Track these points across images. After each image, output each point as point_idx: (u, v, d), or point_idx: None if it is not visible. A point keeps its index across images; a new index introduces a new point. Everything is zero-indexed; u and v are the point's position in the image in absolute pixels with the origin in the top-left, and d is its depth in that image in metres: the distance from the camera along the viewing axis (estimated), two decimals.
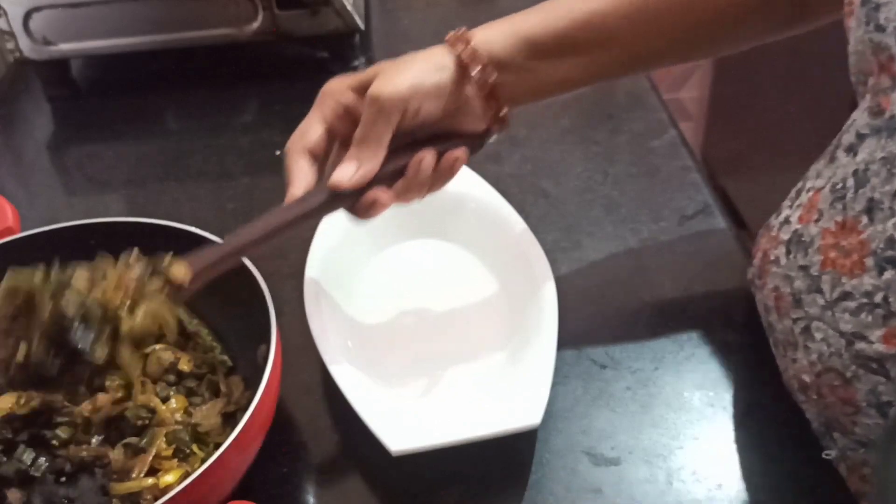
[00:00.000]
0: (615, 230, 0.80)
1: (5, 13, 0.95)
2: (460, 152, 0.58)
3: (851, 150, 0.54)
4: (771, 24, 0.63)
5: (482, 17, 0.60)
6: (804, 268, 0.56)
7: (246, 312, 0.60)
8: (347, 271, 0.73)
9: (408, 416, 0.57)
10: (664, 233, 0.80)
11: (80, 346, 0.46)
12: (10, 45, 0.98)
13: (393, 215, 0.75)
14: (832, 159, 0.57)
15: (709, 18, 0.60)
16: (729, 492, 0.58)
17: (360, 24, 1.02)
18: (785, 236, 0.60)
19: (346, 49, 1.06)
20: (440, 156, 0.58)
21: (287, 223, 0.54)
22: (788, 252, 0.59)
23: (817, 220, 0.56)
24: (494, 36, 0.58)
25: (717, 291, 0.73)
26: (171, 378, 0.62)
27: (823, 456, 0.57)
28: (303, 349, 0.63)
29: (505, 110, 0.60)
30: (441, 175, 0.59)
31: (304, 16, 1.00)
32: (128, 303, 0.48)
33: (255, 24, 1.00)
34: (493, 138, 0.62)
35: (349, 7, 0.99)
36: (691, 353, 0.68)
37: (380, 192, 0.56)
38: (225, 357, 0.63)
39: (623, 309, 0.72)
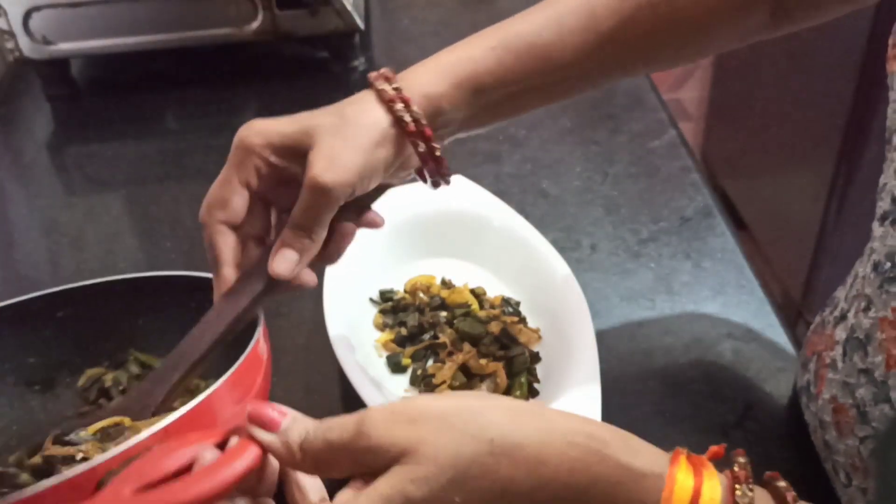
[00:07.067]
0: (615, 230, 0.80)
1: (5, 13, 0.95)
2: (351, 228, 0.52)
3: (886, 218, 0.46)
4: (748, 27, 0.54)
5: (482, 17, 0.60)
6: (866, 371, 0.47)
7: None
8: (365, 286, 0.71)
9: None
10: (664, 233, 0.80)
11: None
12: (10, 45, 0.98)
13: (410, 233, 0.73)
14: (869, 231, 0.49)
15: (680, 30, 0.52)
16: None
17: (360, 24, 1.02)
18: (841, 335, 0.51)
19: (346, 49, 1.06)
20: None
21: (231, 327, 0.49)
22: (845, 354, 0.49)
23: (866, 310, 0.47)
24: (441, 88, 0.49)
25: (715, 300, 0.73)
26: None
27: None
28: (304, 349, 0.63)
29: (448, 171, 0.52)
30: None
31: (304, 16, 1.00)
32: None
33: (255, 24, 1.00)
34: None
35: (349, 7, 0.99)
36: (692, 350, 0.68)
37: (306, 275, 0.50)
38: (201, 381, 0.59)
39: (623, 307, 0.72)
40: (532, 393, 0.63)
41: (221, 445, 0.39)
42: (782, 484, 0.36)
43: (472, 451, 0.34)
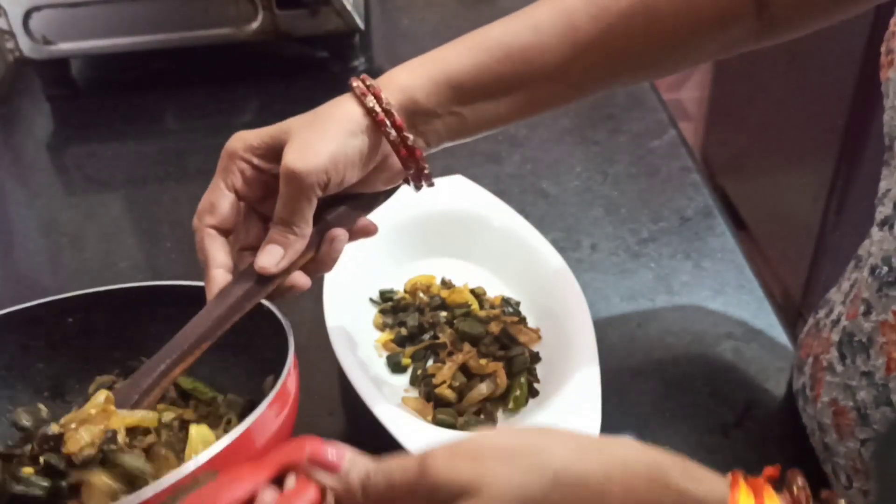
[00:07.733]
0: (615, 230, 0.80)
1: (5, 13, 0.95)
2: (341, 232, 0.53)
3: (887, 223, 0.46)
4: (733, 39, 0.53)
5: (482, 17, 0.60)
6: (867, 374, 0.47)
7: (252, 343, 0.56)
8: (365, 286, 0.71)
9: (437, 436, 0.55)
10: (664, 233, 0.80)
11: None
12: (10, 45, 0.98)
13: (410, 233, 0.73)
14: (868, 236, 0.49)
15: (662, 40, 0.52)
16: None
17: (360, 24, 1.02)
18: (836, 337, 0.51)
19: (346, 49, 1.06)
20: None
21: (219, 322, 0.50)
22: (843, 357, 0.50)
23: (867, 313, 0.47)
24: (417, 81, 0.51)
25: (715, 300, 0.73)
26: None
27: None
28: (305, 349, 0.63)
29: (427, 169, 0.53)
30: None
31: (304, 16, 1.00)
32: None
33: (255, 24, 1.00)
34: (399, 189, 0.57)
35: (349, 7, 0.99)
36: (692, 350, 0.68)
37: (299, 277, 0.52)
38: (218, 394, 0.59)
39: (623, 307, 0.72)
40: (532, 393, 0.63)
41: (275, 480, 0.39)
42: (842, 502, 0.36)
43: (536, 485, 0.34)
